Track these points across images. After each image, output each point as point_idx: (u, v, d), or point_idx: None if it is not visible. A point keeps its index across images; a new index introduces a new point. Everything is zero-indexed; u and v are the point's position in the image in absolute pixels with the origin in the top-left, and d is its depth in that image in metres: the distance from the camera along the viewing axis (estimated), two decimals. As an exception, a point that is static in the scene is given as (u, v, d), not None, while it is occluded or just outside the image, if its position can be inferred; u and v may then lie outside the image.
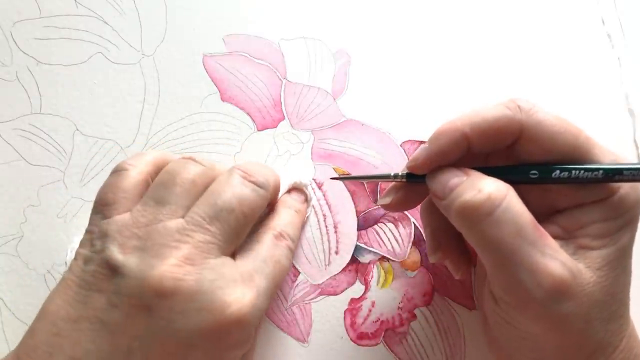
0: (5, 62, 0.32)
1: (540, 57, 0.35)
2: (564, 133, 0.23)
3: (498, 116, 0.24)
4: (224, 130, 0.32)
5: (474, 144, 0.24)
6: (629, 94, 0.35)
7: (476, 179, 0.23)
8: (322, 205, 0.32)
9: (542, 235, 0.22)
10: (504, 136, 0.24)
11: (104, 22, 0.33)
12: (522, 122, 0.23)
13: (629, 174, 0.22)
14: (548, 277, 0.21)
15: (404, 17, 0.35)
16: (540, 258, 0.21)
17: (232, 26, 0.34)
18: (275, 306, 0.30)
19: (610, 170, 0.23)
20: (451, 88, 0.34)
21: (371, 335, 0.31)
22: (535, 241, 0.22)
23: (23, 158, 0.31)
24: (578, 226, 0.23)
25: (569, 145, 0.23)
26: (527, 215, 0.22)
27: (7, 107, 0.32)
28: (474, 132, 0.24)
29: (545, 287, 0.21)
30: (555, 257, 0.22)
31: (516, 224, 0.22)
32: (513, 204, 0.22)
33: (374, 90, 0.33)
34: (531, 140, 0.24)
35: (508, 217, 0.22)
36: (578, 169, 0.23)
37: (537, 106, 0.24)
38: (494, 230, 0.22)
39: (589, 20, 0.36)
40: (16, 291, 0.30)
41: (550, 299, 0.22)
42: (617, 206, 0.23)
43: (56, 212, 0.31)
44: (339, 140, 0.33)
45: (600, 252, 0.23)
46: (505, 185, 0.23)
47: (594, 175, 0.23)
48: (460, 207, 0.22)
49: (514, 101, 0.24)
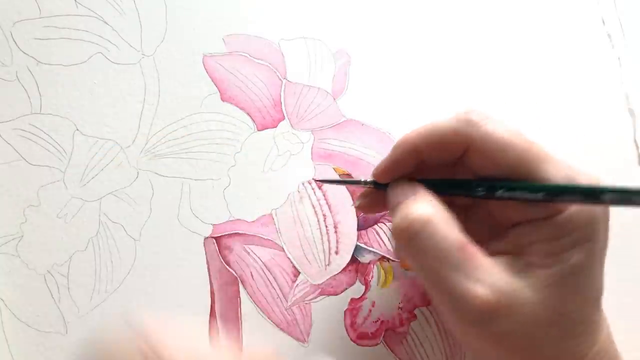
0: (5, 62, 0.32)
1: (541, 57, 0.35)
2: (511, 147, 0.23)
3: (446, 129, 0.24)
4: (224, 130, 0.32)
5: (426, 156, 0.25)
6: (629, 94, 0.35)
7: (411, 202, 0.23)
8: (322, 205, 0.32)
9: (468, 257, 0.22)
10: (452, 149, 0.24)
11: (104, 22, 0.33)
12: (469, 135, 0.23)
13: (568, 197, 0.21)
14: (471, 300, 0.21)
15: (404, 17, 0.35)
16: (464, 281, 0.22)
17: (232, 26, 0.34)
18: (275, 306, 0.31)
19: (552, 191, 0.22)
20: (451, 88, 0.34)
21: (371, 335, 0.31)
22: (459, 264, 0.22)
23: (23, 158, 0.31)
24: (527, 243, 0.23)
25: (517, 159, 0.23)
26: (451, 239, 0.22)
27: (7, 107, 0.32)
28: (425, 145, 0.24)
29: (469, 310, 0.21)
30: (480, 279, 0.22)
31: (438, 249, 0.22)
32: (436, 230, 0.22)
33: (374, 90, 0.33)
34: (478, 153, 0.24)
35: (430, 243, 0.22)
36: (521, 189, 0.22)
37: (488, 118, 0.24)
38: (418, 255, 0.23)
39: (589, 20, 0.36)
40: (16, 291, 0.30)
41: (477, 320, 0.22)
42: (564, 225, 0.22)
43: (56, 212, 0.31)
44: (339, 140, 0.33)
45: (546, 271, 0.22)
46: (433, 209, 0.23)
47: (535, 196, 0.22)
48: (392, 230, 0.24)
49: (467, 113, 0.24)
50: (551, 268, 0.22)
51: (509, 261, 0.23)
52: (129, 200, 0.31)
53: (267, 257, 0.31)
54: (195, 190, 0.31)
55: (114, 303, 0.30)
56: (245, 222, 0.31)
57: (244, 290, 0.31)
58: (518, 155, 0.23)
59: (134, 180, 0.31)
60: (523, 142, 0.23)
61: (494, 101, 0.34)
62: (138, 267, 0.30)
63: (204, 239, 0.31)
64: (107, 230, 0.31)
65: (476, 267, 0.22)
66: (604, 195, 0.21)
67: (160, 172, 0.32)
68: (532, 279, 0.22)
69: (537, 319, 0.22)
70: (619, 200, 0.20)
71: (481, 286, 0.21)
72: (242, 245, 0.31)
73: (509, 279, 0.22)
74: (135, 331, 0.20)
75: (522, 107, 0.35)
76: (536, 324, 0.22)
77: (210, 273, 0.31)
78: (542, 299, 0.22)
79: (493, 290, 0.22)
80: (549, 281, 0.22)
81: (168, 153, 0.32)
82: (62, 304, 0.30)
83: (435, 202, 0.24)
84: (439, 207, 0.23)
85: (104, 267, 0.30)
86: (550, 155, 0.23)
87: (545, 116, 0.35)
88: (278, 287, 0.31)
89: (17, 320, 0.30)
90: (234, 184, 0.32)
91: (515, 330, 0.22)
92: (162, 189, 0.31)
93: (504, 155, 0.23)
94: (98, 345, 0.21)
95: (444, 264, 0.22)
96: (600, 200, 0.21)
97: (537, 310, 0.22)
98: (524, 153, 0.23)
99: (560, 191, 0.21)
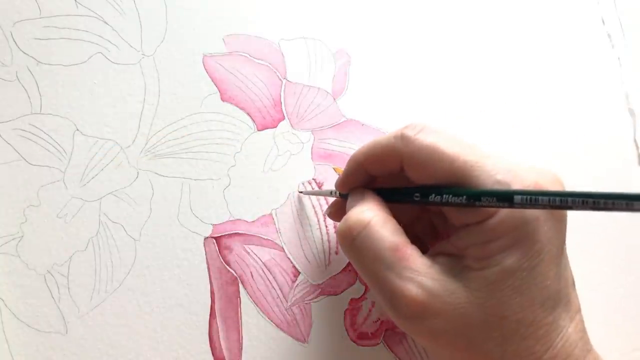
0: (5, 62, 0.32)
1: (541, 57, 0.35)
2: (438, 160, 0.24)
3: (383, 146, 0.26)
4: (224, 130, 0.32)
5: (371, 170, 0.27)
6: (629, 94, 0.35)
7: (355, 209, 0.25)
8: (322, 205, 0.32)
9: (402, 258, 0.23)
10: (389, 163, 0.26)
11: (104, 22, 0.33)
12: (400, 151, 0.25)
13: (485, 200, 0.22)
14: (402, 298, 0.23)
15: (404, 17, 0.35)
16: (396, 280, 0.23)
17: (232, 26, 0.34)
18: (275, 306, 0.31)
19: (471, 196, 0.23)
20: (451, 88, 0.34)
21: (371, 335, 0.31)
22: (393, 264, 0.23)
23: (23, 158, 0.31)
24: (464, 246, 0.24)
25: (445, 170, 0.24)
26: (387, 241, 0.24)
27: (7, 107, 0.32)
28: (366, 160, 0.27)
29: (401, 307, 0.23)
30: (412, 279, 0.23)
31: (374, 249, 0.24)
32: (373, 232, 0.24)
33: (374, 90, 0.33)
34: (411, 166, 0.25)
35: (367, 244, 0.24)
36: (447, 193, 0.23)
37: (422, 131, 0.25)
38: (358, 256, 0.24)
39: (589, 20, 0.36)
40: (16, 291, 0.30)
41: (408, 317, 0.23)
42: (495, 229, 0.23)
43: (56, 212, 0.31)
44: (339, 140, 0.33)
45: (481, 273, 0.23)
46: (371, 213, 0.25)
47: (459, 200, 0.23)
48: (336, 233, 0.26)
49: (403, 129, 0.25)
50: (484, 271, 0.23)
51: (449, 262, 0.24)
52: (129, 200, 0.31)
53: (267, 257, 0.31)
54: (195, 190, 0.31)
55: (114, 303, 0.30)
56: (245, 222, 0.31)
57: (244, 290, 0.31)
58: (445, 167, 0.24)
59: (134, 180, 0.31)
60: (449, 155, 0.24)
61: (493, 101, 0.34)
62: (138, 267, 0.30)
63: (204, 239, 0.31)
64: (107, 230, 0.31)
65: (408, 267, 0.23)
66: (515, 197, 0.22)
67: (160, 172, 0.32)
68: (467, 280, 0.23)
69: (471, 320, 0.23)
70: (527, 202, 0.21)
71: (412, 285, 0.23)
72: (242, 245, 0.31)
73: (444, 279, 0.23)
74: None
75: (522, 107, 0.35)
76: (471, 325, 0.23)
77: (210, 273, 0.31)
78: (477, 300, 0.23)
79: (423, 289, 0.23)
80: (483, 283, 0.23)
81: (168, 153, 0.32)
82: (62, 304, 0.30)
83: (375, 207, 0.25)
84: (378, 212, 0.25)
85: (104, 267, 0.30)
86: (482, 163, 0.23)
87: (546, 116, 0.35)
88: (278, 287, 0.31)
89: (17, 320, 0.30)
90: (234, 184, 0.32)
91: (447, 329, 0.23)
92: (162, 189, 0.31)
93: (432, 168, 0.24)
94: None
95: (379, 264, 0.24)
96: (513, 203, 0.22)
97: (472, 312, 0.23)
98: (450, 165, 0.24)
99: (478, 195, 0.22)
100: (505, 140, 0.34)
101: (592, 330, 0.25)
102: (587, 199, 0.20)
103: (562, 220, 0.24)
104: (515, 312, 0.23)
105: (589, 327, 0.25)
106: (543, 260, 0.23)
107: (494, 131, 0.34)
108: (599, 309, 0.32)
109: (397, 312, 0.23)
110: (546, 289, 0.23)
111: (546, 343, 0.23)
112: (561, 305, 0.23)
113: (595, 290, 0.33)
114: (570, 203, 0.20)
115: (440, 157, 0.24)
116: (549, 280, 0.23)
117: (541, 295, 0.23)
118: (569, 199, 0.20)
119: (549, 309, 0.23)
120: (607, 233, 0.34)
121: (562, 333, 0.23)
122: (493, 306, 0.22)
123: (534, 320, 0.23)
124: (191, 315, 0.30)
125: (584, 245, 0.33)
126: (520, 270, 0.22)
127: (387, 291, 0.23)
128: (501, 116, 0.34)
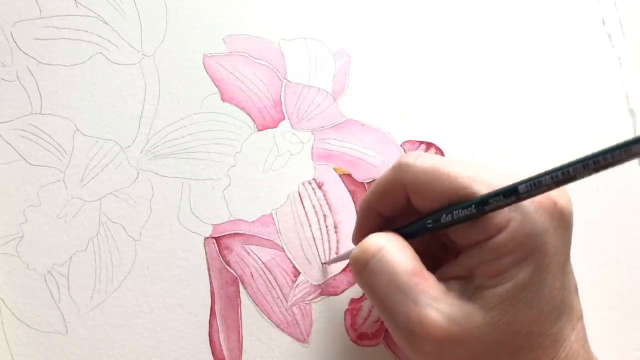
0: (5, 62, 0.32)
1: (541, 57, 0.35)
2: (440, 180, 0.23)
3: (385, 180, 0.25)
4: (224, 130, 0.32)
5: (382, 210, 0.26)
6: (629, 94, 0.35)
7: (370, 236, 0.25)
8: (322, 205, 0.32)
9: (419, 283, 0.22)
10: (396, 197, 0.25)
11: (104, 22, 0.33)
12: (403, 179, 0.24)
13: (493, 202, 0.22)
14: (419, 325, 0.22)
15: (404, 17, 0.35)
16: (412, 306, 0.22)
17: (232, 26, 0.34)
18: (275, 306, 0.31)
19: (479, 203, 0.22)
20: (451, 88, 0.34)
21: (371, 336, 0.31)
22: (409, 289, 0.22)
23: (23, 158, 0.31)
24: (475, 265, 0.23)
25: (447, 190, 0.23)
26: (403, 265, 0.23)
27: (7, 107, 0.32)
28: (374, 199, 0.26)
29: (418, 336, 0.22)
30: (430, 305, 0.22)
31: (389, 273, 0.23)
32: (388, 255, 0.23)
33: (374, 90, 0.33)
34: (414, 193, 0.24)
35: (381, 267, 0.23)
36: (456, 209, 0.23)
37: (419, 158, 0.24)
38: (370, 280, 0.23)
39: (589, 20, 0.36)
40: (16, 291, 0.30)
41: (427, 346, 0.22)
42: (505, 244, 0.22)
43: (56, 212, 0.31)
44: (339, 140, 0.33)
45: (495, 291, 0.22)
46: (387, 239, 0.24)
47: (469, 211, 0.22)
48: (349, 262, 0.25)
49: (400, 158, 0.25)
50: (497, 288, 0.22)
51: (461, 286, 0.23)
52: (129, 200, 0.31)
53: (267, 257, 0.31)
54: (195, 190, 0.31)
55: (114, 303, 0.30)
56: (245, 222, 0.31)
57: (244, 290, 0.31)
58: (446, 187, 0.23)
59: (134, 180, 0.31)
60: (448, 174, 0.23)
61: (494, 101, 0.34)
62: (138, 267, 0.30)
63: (204, 239, 0.31)
64: (107, 230, 0.31)
65: (425, 292, 0.22)
66: (519, 187, 0.21)
67: (160, 172, 0.32)
68: (481, 300, 0.22)
69: (487, 341, 0.22)
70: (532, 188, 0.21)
71: (432, 311, 0.22)
72: (242, 246, 0.31)
73: (460, 304, 0.22)
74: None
75: (522, 108, 0.35)
76: (487, 346, 0.22)
77: (210, 273, 0.31)
78: (492, 320, 0.22)
79: (444, 316, 0.22)
80: (498, 301, 0.22)
81: (168, 153, 0.32)
82: (62, 304, 0.30)
83: (391, 234, 0.25)
84: (392, 237, 0.24)
85: (104, 267, 0.30)
86: (481, 175, 0.23)
87: (546, 116, 0.35)
88: (278, 287, 0.31)
89: (17, 320, 0.30)
90: (234, 184, 0.32)
91: (467, 355, 0.22)
92: (162, 189, 0.31)
93: (435, 190, 0.23)
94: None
95: (393, 288, 0.23)
96: (519, 195, 0.21)
97: (487, 332, 0.22)
98: (450, 183, 0.23)
99: (485, 199, 0.22)
100: (506, 140, 0.34)
101: (592, 330, 0.25)
102: (588, 161, 0.19)
103: (568, 228, 0.23)
104: (526, 326, 0.22)
105: (589, 327, 0.25)
106: (552, 270, 0.23)
107: (494, 131, 0.34)
108: (599, 308, 0.32)
109: (413, 341, 0.22)
110: (553, 300, 0.23)
111: (551, 353, 0.23)
112: (565, 314, 0.23)
113: (595, 290, 0.33)
114: (573, 172, 0.19)
115: (441, 177, 0.23)
116: (555, 290, 0.23)
117: (548, 306, 0.23)
118: (570, 169, 0.19)
119: (555, 319, 0.23)
120: (607, 233, 0.34)
121: (565, 342, 0.23)
122: (507, 323, 0.22)
123: (542, 331, 0.23)
124: (191, 315, 0.30)
125: (584, 245, 0.33)
126: (532, 283, 0.22)
127: (402, 318, 0.22)
128: (501, 116, 0.34)
